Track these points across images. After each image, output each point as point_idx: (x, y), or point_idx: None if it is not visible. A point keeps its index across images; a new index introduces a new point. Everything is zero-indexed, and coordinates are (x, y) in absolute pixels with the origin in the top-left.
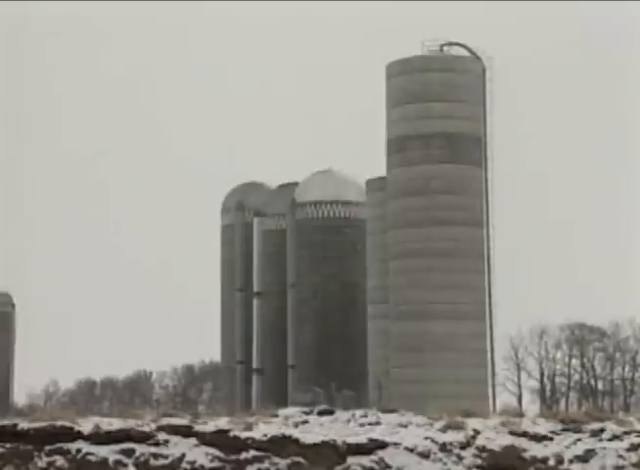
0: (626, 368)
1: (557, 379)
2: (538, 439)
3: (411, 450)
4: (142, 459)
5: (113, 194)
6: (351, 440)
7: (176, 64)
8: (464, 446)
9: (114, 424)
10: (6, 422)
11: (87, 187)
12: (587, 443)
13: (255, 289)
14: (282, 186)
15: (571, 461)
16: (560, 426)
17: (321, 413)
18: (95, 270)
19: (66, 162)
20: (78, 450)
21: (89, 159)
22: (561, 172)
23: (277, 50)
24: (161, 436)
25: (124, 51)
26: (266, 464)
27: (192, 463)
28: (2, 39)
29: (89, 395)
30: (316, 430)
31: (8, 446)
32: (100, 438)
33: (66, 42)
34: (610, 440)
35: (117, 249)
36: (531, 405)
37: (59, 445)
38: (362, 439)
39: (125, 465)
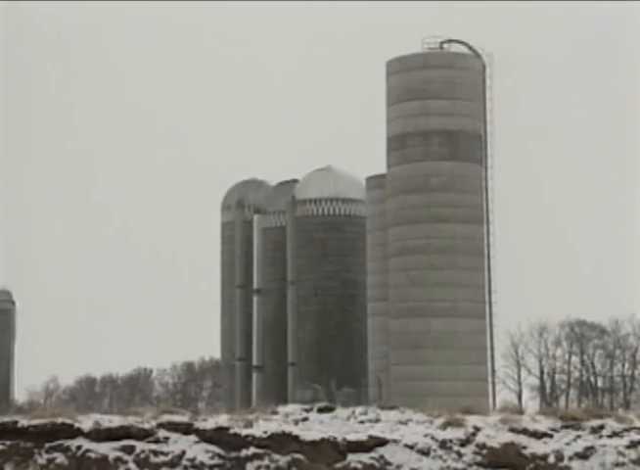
0: (626, 365)
1: (557, 376)
2: (538, 436)
3: (411, 448)
4: (142, 456)
5: (113, 192)
6: (351, 437)
7: (177, 62)
8: (464, 444)
9: (114, 421)
10: (6, 419)
11: (88, 185)
12: (587, 440)
13: (255, 286)
14: (282, 183)
15: (570, 458)
16: (560, 423)
17: (321, 410)
18: (95, 268)
19: (66, 160)
20: (78, 448)
21: (89, 157)
22: (561, 169)
23: (276, 48)
24: (161, 433)
25: (124, 49)
26: (266, 461)
27: (192, 460)
28: (2, 39)
29: (89, 392)
30: (316, 427)
31: (8, 443)
32: (100, 435)
33: (66, 41)
34: (609, 437)
35: (117, 246)
36: (531, 402)
37: (59, 442)
38: (362, 436)
39: (125, 462)
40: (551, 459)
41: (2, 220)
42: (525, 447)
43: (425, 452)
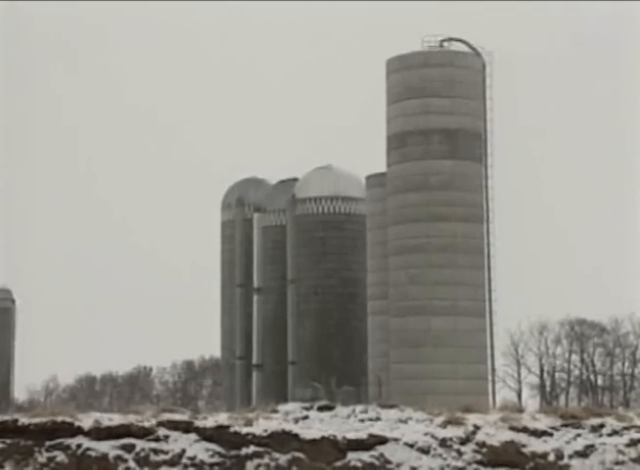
0: (626, 364)
1: (557, 374)
2: (538, 434)
3: (411, 446)
4: (142, 455)
5: (113, 191)
6: (351, 435)
7: (177, 61)
8: (464, 442)
9: (114, 420)
10: (6, 418)
11: (87, 184)
12: (587, 438)
13: (256, 285)
14: (282, 182)
15: (570, 457)
16: (559, 421)
17: (321, 409)
18: (95, 267)
19: (66, 159)
20: (79, 446)
21: (89, 156)
22: (561, 168)
23: (277, 46)
24: (162, 431)
25: (125, 49)
26: (266, 460)
27: (192, 459)
28: (2, 39)
29: (89, 390)
30: (316, 425)
31: (8, 441)
32: (100, 433)
33: (66, 41)
34: (609, 435)
35: (117, 245)
36: (531, 401)
37: (59, 440)
38: (362, 434)
39: (125, 460)
40: (551, 458)
41: (2, 220)
42: (524, 446)
43: (425, 451)
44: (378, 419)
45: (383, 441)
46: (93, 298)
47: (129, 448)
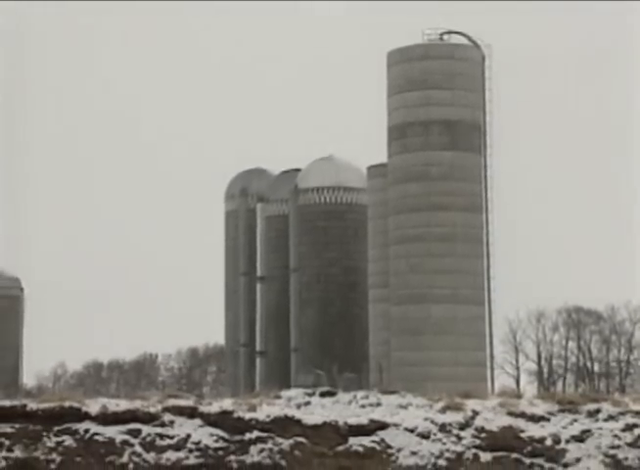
0: (622, 350)
1: (554, 361)
2: (536, 419)
3: (411, 431)
4: (148, 439)
5: (118, 180)
6: (353, 420)
7: (181, 51)
8: (463, 427)
9: (120, 405)
10: (15, 403)
11: (93, 173)
12: (583, 423)
13: (259, 273)
14: (285, 172)
15: (567, 441)
16: (557, 407)
17: (323, 395)
18: (102, 255)
19: (71, 146)
20: (86, 431)
21: (94, 145)
22: (559, 158)
23: (279, 38)
24: (167, 417)
25: (125, 46)
26: (269, 444)
27: (197, 443)
28: (2, 39)
29: (96, 377)
30: (318, 411)
31: (17, 426)
32: (107, 418)
33: (66, 41)
34: (605, 420)
35: (123, 234)
36: (529, 387)
37: (67, 425)
38: (363, 420)
39: (132, 445)
40: (548, 442)
41: (10, 208)
42: (522, 431)
43: (425, 436)
44: (379, 405)
45: (383, 426)
46: (100, 286)
47: (135, 433)
